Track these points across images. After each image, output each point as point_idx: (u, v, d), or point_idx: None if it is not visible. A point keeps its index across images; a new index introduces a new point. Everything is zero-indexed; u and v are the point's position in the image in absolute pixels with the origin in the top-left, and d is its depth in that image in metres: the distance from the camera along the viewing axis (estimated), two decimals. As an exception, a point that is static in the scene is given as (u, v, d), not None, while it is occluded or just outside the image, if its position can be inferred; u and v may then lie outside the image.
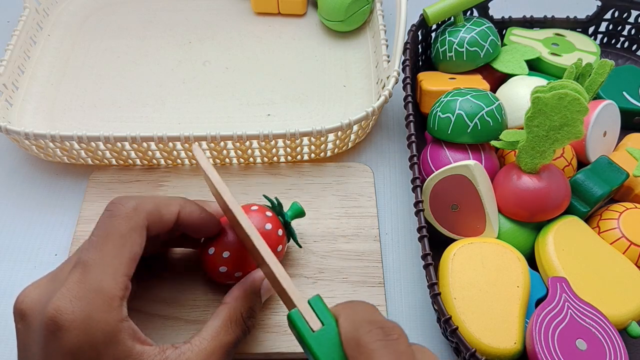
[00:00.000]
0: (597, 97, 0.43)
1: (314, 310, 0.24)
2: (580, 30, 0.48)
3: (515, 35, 0.47)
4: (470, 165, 0.34)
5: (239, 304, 0.31)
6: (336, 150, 0.44)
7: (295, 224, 0.39)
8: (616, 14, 0.48)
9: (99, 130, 0.39)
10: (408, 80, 0.41)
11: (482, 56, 0.43)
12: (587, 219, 0.37)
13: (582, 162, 0.40)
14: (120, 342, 0.26)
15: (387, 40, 0.46)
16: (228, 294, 0.32)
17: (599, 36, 0.50)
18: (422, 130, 0.43)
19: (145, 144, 0.40)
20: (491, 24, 0.44)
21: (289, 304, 0.26)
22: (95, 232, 0.27)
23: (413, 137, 0.38)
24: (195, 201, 0.33)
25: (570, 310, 0.31)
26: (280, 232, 0.34)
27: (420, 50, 0.47)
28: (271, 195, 0.41)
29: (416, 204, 0.36)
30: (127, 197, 0.29)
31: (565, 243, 0.34)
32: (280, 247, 0.34)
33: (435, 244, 0.35)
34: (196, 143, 0.37)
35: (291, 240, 0.37)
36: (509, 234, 0.36)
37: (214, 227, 0.33)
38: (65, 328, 0.24)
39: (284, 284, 0.25)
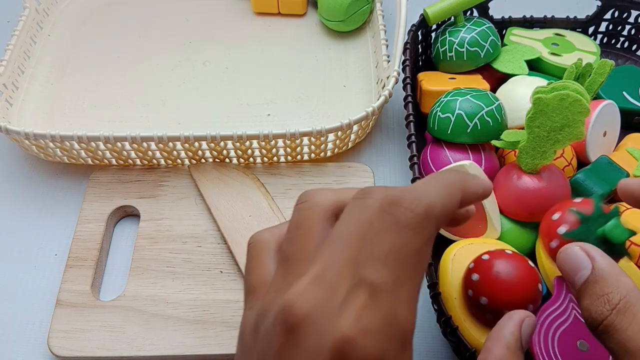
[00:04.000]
0: (597, 97, 0.43)
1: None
2: (580, 30, 0.48)
3: (515, 35, 0.47)
4: (466, 165, 0.33)
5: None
6: (336, 150, 0.44)
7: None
8: (616, 14, 0.48)
9: (99, 130, 0.39)
10: (408, 80, 0.41)
11: (482, 56, 0.43)
12: (587, 219, 0.37)
13: (582, 162, 0.40)
14: None
15: (387, 40, 0.46)
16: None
17: (599, 36, 0.50)
18: (422, 130, 0.43)
19: (145, 144, 0.40)
20: (491, 24, 0.44)
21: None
22: (381, 247, 0.20)
23: (413, 137, 0.38)
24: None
25: (574, 311, 0.31)
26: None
27: (420, 50, 0.47)
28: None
29: (416, 204, 0.36)
30: (414, 199, 0.21)
31: (566, 243, 0.34)
32: None
33: (435, 244, 0.35)
34: None
35: None
36: (509, 234, 0.36)
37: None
38: None
39: None
